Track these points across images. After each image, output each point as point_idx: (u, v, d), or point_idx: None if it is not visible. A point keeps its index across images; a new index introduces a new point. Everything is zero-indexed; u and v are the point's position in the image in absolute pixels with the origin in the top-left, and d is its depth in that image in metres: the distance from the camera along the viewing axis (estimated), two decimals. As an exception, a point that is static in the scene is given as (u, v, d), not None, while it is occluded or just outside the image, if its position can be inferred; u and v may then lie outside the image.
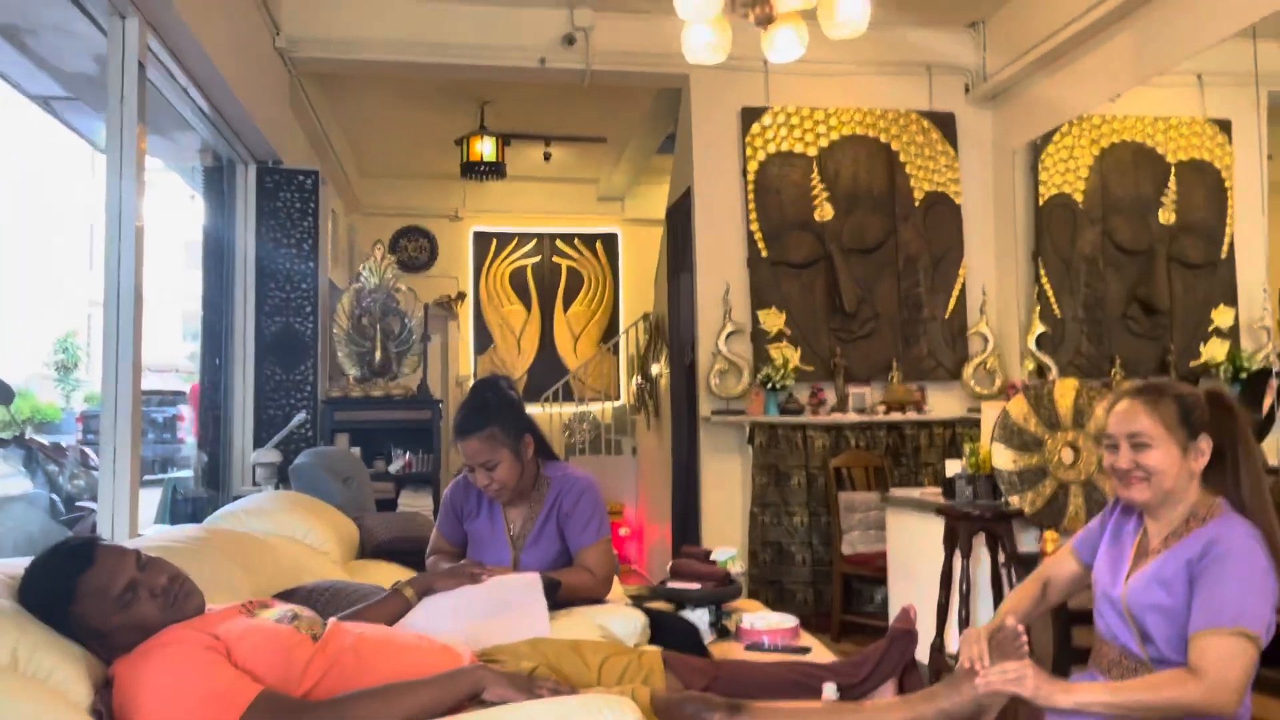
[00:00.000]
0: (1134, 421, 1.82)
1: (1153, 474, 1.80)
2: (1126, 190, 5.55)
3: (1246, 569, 1.69)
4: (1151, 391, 1.85)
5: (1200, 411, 1.81)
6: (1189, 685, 1.64)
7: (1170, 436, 1.80)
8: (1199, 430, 1.80)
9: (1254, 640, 1.66)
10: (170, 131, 4.59)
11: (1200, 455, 1.80)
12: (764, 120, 5.61)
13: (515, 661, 1.94)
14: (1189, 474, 1.80)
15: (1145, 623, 1.77)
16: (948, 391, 5.68)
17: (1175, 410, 1.81)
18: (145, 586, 1.74)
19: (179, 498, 4.88)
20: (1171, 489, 1.80)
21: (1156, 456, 1.80)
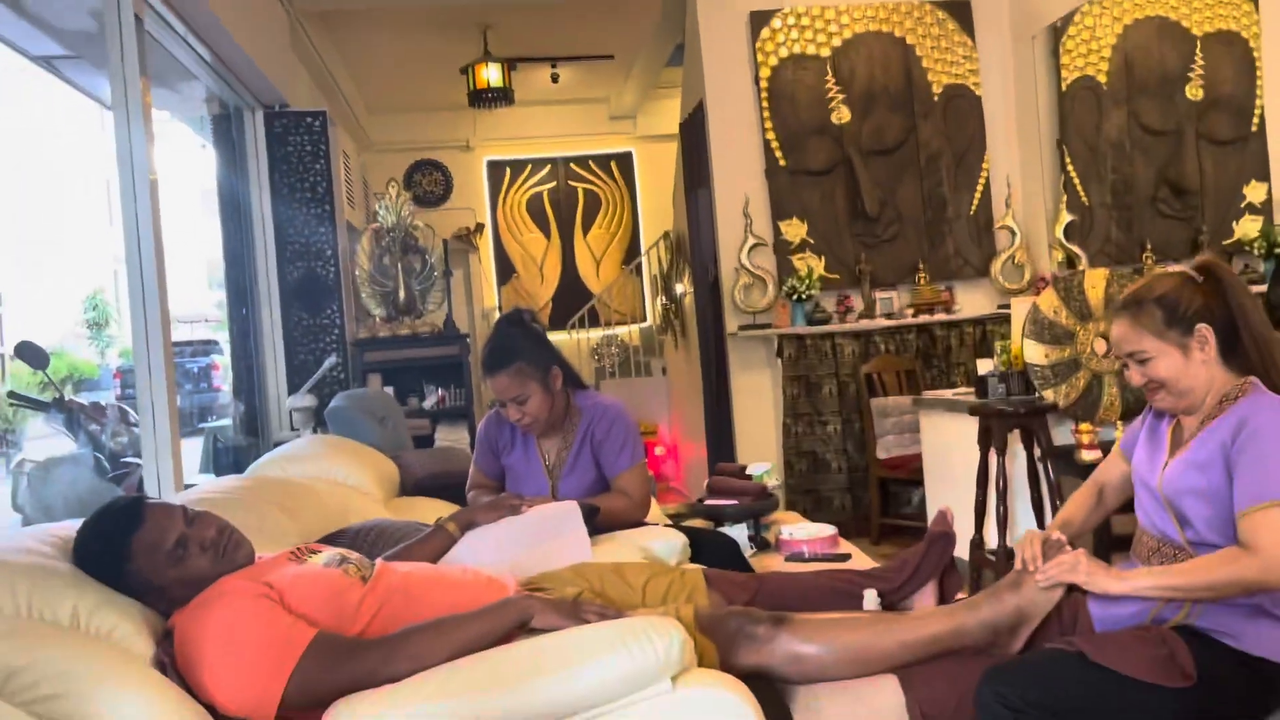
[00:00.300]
0: (1127, 340, 1.81)
1: (1164, 383, 1.78)
2: (1152, 68, 5.39)
3: (1277, 440, 1.66)
4: (1132, 304, 1.81)
5: (1187, 303, 1.77)
6: (1244, 560, 1.62)
7: (1164, 342, 1.77)
8: (1193, 322, 1.76)
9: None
10: (175, 83, 4.55)
11: (1204, 344, 1.76)
12: (774, 23, 5.47)
13: (560, 588, 1.98)
14: (1201, 365, 1.76)
15: (1182, 507, 1.76)
16: (976, 289, 5.62)
17: (1160, 315, 1.77)
18: (195, 540, 1.78)
19: (220, 446, 4.97)
20: (1191, 387, 1.77)
21: (1160, 366, 1.78)
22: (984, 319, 5.48)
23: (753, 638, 1.78)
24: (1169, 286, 1.79)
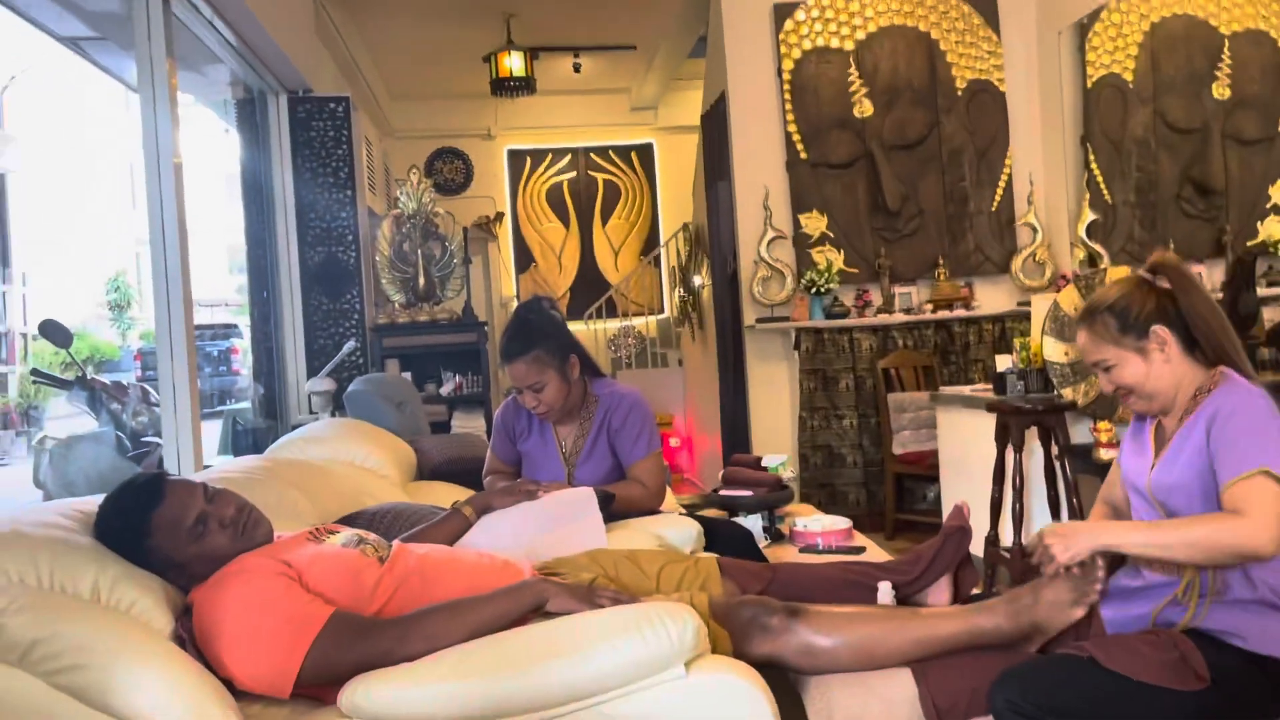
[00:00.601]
0: (1088, 351, 1.84)
1: (1132, 388, 1.81)
2: (1178, 66, 5.34)
3: (1248, 418, 1.68)
4: (1088, 315, 1.85)
5: (1139, 307, 1.79)
6: (1231, 520, 1.63)
7: (1121, 348, 1.80)
8: (1147, 325, 1.78)
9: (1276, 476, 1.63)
10: (200, 66, 4.58)
11: (1163, 345, 1.77)
12: (797, 16, 5.45)
13: (575, 573, 1.99)
14: (1164, 365, 1.78)
15: (1172, 505, 1.76)
16: (996, 286, 5.59)
17: (1114, 323, 1.80)
18: (215, 518, 1.80)
19: (239, 428, 5.01)
20: (1158, 388, 1.79)
21: (1123, 373, 1.80)
22: (1003, 316, 5.46)
23: (766, 628, 1.78)
24: (1120, 292, 1.82)
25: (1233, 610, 1.69)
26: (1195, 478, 1.73)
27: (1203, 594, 1.70)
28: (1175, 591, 1.72)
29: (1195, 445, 1.73)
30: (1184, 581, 1.72)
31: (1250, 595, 1.68)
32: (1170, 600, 1.73)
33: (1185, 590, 1.71)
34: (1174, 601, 1.72)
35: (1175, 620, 1.72)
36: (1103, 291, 1.87)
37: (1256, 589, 1.68)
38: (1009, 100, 5.62)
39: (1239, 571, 1.68)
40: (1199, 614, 1.70)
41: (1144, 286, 1.82)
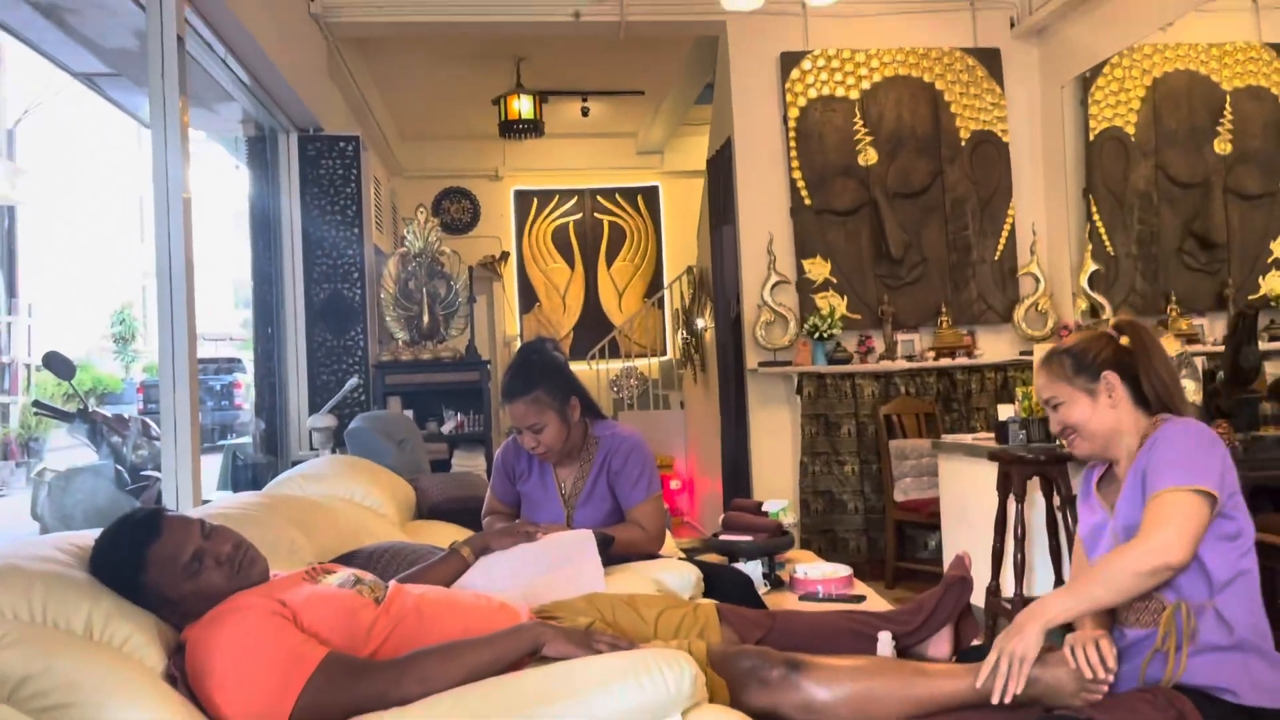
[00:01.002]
0: (1043, 388, 1.94)
1: (1076, 427, 1.89)
2: (1180, 121, 5.39)
3: (1182, 440, 1.75)
4: (1048, 357, 1.95)
5: (1096, 353, 1.88)
6: (1136, 545, 1.69)
7: (1073, 388, 1.88)
8: (1099, 370, 1.86)
9: (1200, 492, 1.69)
10: (212, 103, 4.64)
11: (1111, 390, 1.86)
12: (804, 65, 5.51)
13: (572, 617, 1.97)
14: (1109, 410, 1.86)
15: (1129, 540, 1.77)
16: (999, 335, 5.60)
17: (1069, 363, 1.90)
18: (211, 555, 1.79)
19: (239, 463, 5.00)
20: (1099, 431, 1.87)
21: (1070, 411, 1.89)
22: (1005, 364, 5.46)
23: (765, 680, 1.77)
24: (1082, 339, 1.93)
25: (1216, 659, 1.70)
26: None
27: (1179, 642, 1.70)
28: (1155, 642, 1.73)
29: (1140, 479, 1.79)
30: (1160, 632, 1.72)
31: (1228, 640, 1.70)
32: (1153, 653, 1.73)
33: (1163, 639, 1.72)
34: (1156, 653, 1.73)
35: (1159, 673, 1.72)
36: (1068, 338, 1.99)
37: (1233, 631, 1.70)
38: (1012, 151, 5.67)
39: (1209, 613, 1.70)
40: (1179, 663, 1.70)
41: (1105, 338, 1.91)
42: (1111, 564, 1.71)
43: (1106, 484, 1.93)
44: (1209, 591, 1.71)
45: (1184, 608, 1.71)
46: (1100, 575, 1.71)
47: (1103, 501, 1.91)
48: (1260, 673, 1.69)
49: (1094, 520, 1.91)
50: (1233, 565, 1.73)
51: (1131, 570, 1.68)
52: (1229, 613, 1.70)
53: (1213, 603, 1.71)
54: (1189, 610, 1.71)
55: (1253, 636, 1.71)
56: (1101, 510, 1.89)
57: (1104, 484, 1.94)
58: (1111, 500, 1.87)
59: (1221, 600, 1.71)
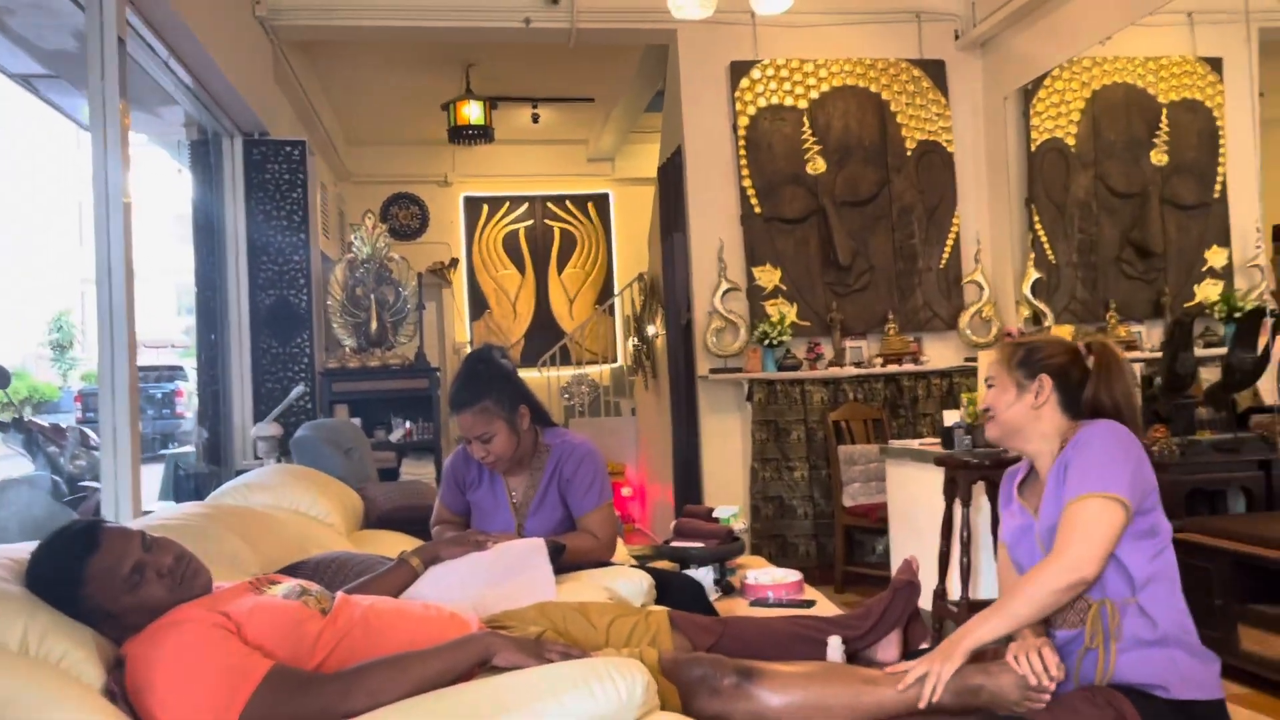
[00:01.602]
0: (989, 367, 2.01)
1: (993, 409, 1.96)
2: (1118, 133, 5.52)
3: (1101, 444, 1.79)
4: (1010, 341, 2.03)
5: (1047, 356, 1.93)
6: (1048, 564, 1.75)
7: (1008, 376, 1.95)
8: (1039, 370, 1.92)
9: (1115, 500, 1.73)
10: (154, 106, 4.55)
11: (1040, 391, 1.91)
12: (753, 74, 5.56)
13: (523, 626, 1.96)
14: (1029, 409, 1.91)
15: (1051, 543, 1.82)
16: (944, 341, 5.69)
17: (1019, 354, 1.96)
18: (152, 567, 1.75)
19: (181, 474, 4.90)
20: (1010, 421, 1.93)
21: (997, 396, 1.96)
22: (951, 371, 5.55)
23: (717, 689, 1.77)
24: (1047, 340, 1.99)
25: (1143, 655, 1.75)
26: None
27: (1107, 637, 1.75)
28: (1084, 640, 1.78)
29: (1061, 478, 1.83)
30: (1088, 631, 1.77)
31: (1152, 634, 1.75)
32: (1084, 651, 1.78)
33: (1091, 637, 1.77)
34: (1089, 649, 1.78)
35: (1092, 672, 1.77)
36: (1038, 334, 2.02)
37: (1157, 626, 1.75)
38: (957, 161, 5.76)
39: (1132, 609, 1.76)
40: (1108, 658, 1.75)
41: (1069, 349, 1.96)
42: (1030, 583, 1.76)
43: (1029, 486, 1.98)
44: (1131, 589, 1.77)
45: (1109, 605, 1.76)
46: (1022, 595, 1.76)
47: (1026, 504, 1.95)
48: (1187, 666, 1.75)
49: (1017, 524, 1.95)
50: (1152, 563, 1.78)
51: (1049, 588, 1.74)
52: (1152, 608, 1.76)
53: (1135, 599, 1.76)
54: (1113, 607, 1.75)
55: (1177, 631, 1.76)
56: (1025, 514, 1.93)
57: (1026, 487, 1.99)
58: (1035, 503, 1.91)
59: (1144, 597, 1.76)
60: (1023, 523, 1.93)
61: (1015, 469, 2.03)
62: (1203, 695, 1.74)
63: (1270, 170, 4.66)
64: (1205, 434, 4.04)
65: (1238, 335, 4.00)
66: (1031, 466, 1.98)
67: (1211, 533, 3.46)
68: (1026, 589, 1.76)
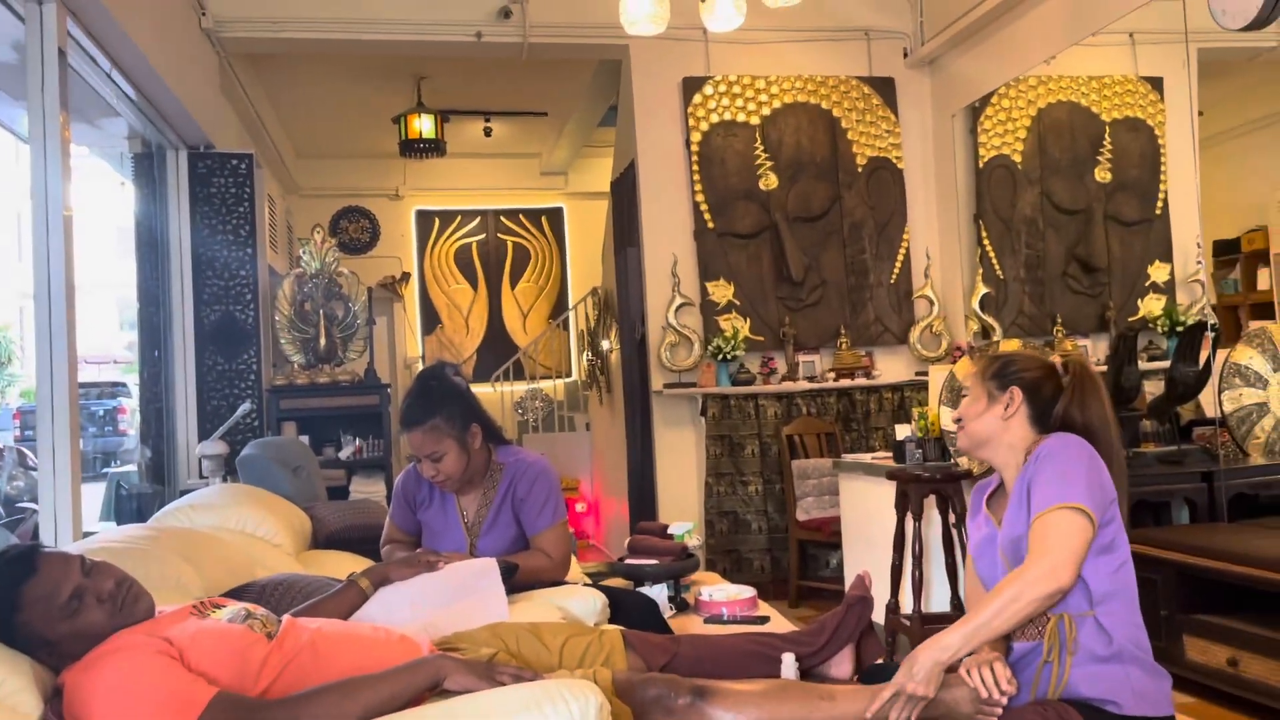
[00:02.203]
0: (964, 377, 2.05)
1: (963, 419, 1.99)
2: (1063, 150, 5.63)
3: (1063, 457, 1.81)
4: (988, 355, 2.05)
5: (1021, 370, 1.95)
6: (1023, 573, 1.74)
7: (981, 386, 1.97)
8: (1011, 382, 1.94)
9: (1080, 511, 1.75)
10: (96, 118, 4.46)
11: (1010, 404, 1.93)
12: (705, 90, 5.59)
13: (475, 649, 1.93)
14: (998, 420, 1.93)
15: (1017, 558, 1.84)
16: (895, 356, 5.74)
17: (994, 365, 1.98)
18: (91, 592, 1.70)
19: (123, 493, 4.79)
20: (979, 433, 1.95)
21: (968, 404, 1.99)
22: (902, 385, 5.60)
23: (671, 710, 1.76)
24: (1024, 354, 2.01)
25: (1098, 670, 1.76)
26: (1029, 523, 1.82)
27: (1064, 650, 1.77)
28: (1042, 654, 1.79)
29: (1025, 491, 1.84)
30: (1045, 645, 1.78)
31: (1107, 649, 1.76)
32: (1043, 664, 1.79)
33: (1049, 651, 1.78)
34: (1045, 664, 1.78)
35: (1046, 683, 1.78)
36: (1018, 347, 2.04)
37: (1112, 640, 1.76)
38: (906, 177, 5.84)
39: (1089, 623, 1.77)
40: (1062, 672, 1.76)
41: (1045, 366, 1.97)
42: (1004, 594, 1.74)
43: (996, 499, 1.99)
44: (1089, 603, 1.78)
45: (1066, 619, 1.77)
46: (994, 606, 1.74)
47: (991, 516, 1.96)
48: (1141, 683, 1.76)
49: (982, 535, 1.96)
50: (1111, 577, 1.80)
51: (1026, 599, 1.73)
52: (1108, 623, 1.77)
53: (1093, 613, 1.78)
54: (1071, 621, 1.77)
55: (1132, 646, 1.77)
56: (990, 524, 1.95)
57: (994, 500, 2.00)
58: (1000, 515, 1.92)
59: (1101, 611, 1.78)
60: (987, 533, 1.94)
61: (987, 482, 2.04)
62: (1154, 712, 1.75)
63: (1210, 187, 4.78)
64: (1150, 446, 4.12)
65: (1180, 349, 4.08)
66: (1000, 481, 1.99)
67: (1156, 544, 3.53)
68: (999, 601, 1.75)
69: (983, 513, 1.99)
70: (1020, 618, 1.75)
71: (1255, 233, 5.00)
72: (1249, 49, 4.42)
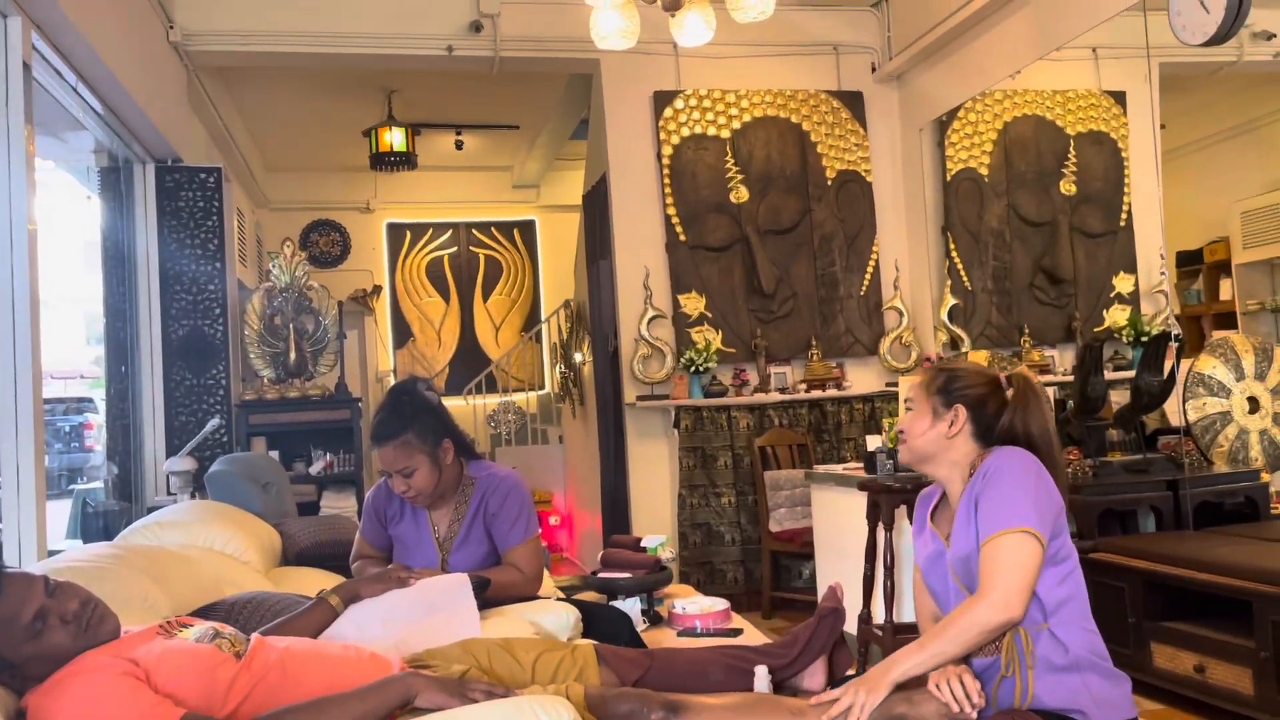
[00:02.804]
0: (910, 390, 2.03)
1: (906, 434, 1.99)
2: (1029, 163, 5.70)
3: (1012, 475, 1.82)
4: (933, 366, 2.07)
5: (966, 386, 1.96)
6: (975, 604, 1.76)
7: (925, 401, 1.98)
8: (956, 399, 1.95)
9: (1029, 534, 1.76)
10: (62, 132, 4.41)
11: (954, 421, 1.94)
12: (676, 104, 5.61)
13: (446, 665, 1.92)
14: (942, 436, 1.94)
15: (968, 576, 1.86)
16: (866, 367, 5.78)
17: (939, 380, 1.99)
18: (56, 613, 1.68)
19: (90, 511, 4.73)
20: (922, 447, 1.96)
21: (912, 420, 1.99)
22: (873, 396, 5.64)
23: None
24: (968, 369, 2.01)
25: (1058, 680, 1.78)
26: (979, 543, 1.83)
27: (1023, 663, 1.78)
28: (1000, 667, 1.81)
29: (971, 509, 1.86)
30: (1003, 659, 1.80)
31: (1064, 659, 1.78)
32: (1001, 678, 1.81)
33: (1008, 665, 1.80)
34: (1004, 677, 1.80)
35: (1009, 698, 1.80)
36: (962, 360, 2.04)
37: (1069, 650, 1.78)
38: (875, 190, 5.89)
39: (1045, 635, 1.79)
40: (1026, 684, 1.78)
41: (990, 380, 1.98)
42: (957, 624, 1.77)
43: (941, 513, 2.00)
44: (1043, 615, 1.80)
45: (1023, 634, 1.79)
46: (949, 633, 1.77)
47: (938, 530, 1.97)
48: (1101, 690, 1.78)
49: (930, 551, 1.98)
50: (1061, 586, 1.82)
51: (978, 628, 1.76)
52: (1063, 633, 1.79)
53: (1047, 625, 1.80)
54: (1026, 635, 1.79)
55: (1088, 654, 1.80)
56: (937, 540, 1.96)
57: (938, 512, 2.01)
58: (946, 530, 1.93)
59: (1054, 622, 1.80)
60: (935, 549, 1.96)
61: (929, 492, 2.06)
62: (1118, 717, 1.78)
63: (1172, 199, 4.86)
64: (1116, 455, 4.17)
65: (1144, 359, 4.14)
66: (943, 492, 2.01)
67: (1123, 552, 3.57)
68: (954, 628, 1.77)
69: (928, 528, 2.00)
70: (974, 645, 1.78)
71: (1217, 244, 5.09)
72: (1209, 64, 4.51)
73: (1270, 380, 4.16)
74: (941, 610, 1.98)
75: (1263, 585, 3.01)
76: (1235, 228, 4.97)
